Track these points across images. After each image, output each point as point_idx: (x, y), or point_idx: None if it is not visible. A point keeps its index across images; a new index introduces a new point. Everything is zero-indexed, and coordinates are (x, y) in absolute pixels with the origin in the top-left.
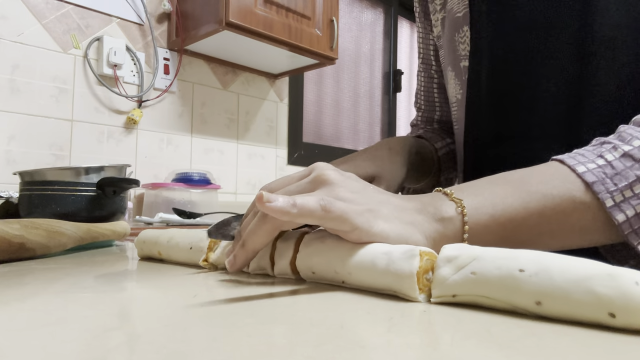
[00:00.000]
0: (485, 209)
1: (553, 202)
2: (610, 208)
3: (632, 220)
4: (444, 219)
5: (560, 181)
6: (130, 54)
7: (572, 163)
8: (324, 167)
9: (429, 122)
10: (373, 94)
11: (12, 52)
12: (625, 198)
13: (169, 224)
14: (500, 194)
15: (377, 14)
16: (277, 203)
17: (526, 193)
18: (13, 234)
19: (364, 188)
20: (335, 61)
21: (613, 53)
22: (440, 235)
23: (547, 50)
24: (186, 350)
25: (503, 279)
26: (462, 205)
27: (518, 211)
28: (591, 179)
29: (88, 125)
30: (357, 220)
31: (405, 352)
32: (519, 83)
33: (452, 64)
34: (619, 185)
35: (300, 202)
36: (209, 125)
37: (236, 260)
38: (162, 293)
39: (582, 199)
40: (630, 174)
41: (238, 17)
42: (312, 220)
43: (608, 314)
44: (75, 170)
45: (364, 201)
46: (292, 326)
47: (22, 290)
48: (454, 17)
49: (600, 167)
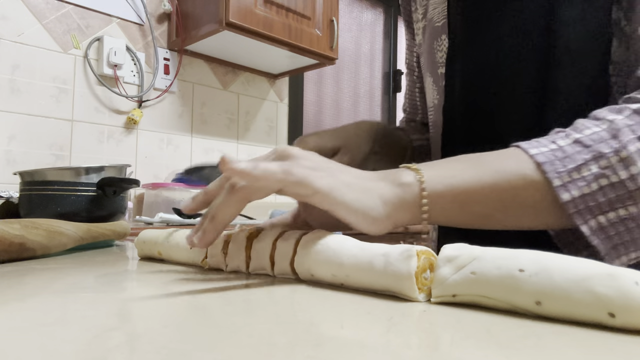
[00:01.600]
0: (442, 179)
1: (505, 177)
2: (557, 187)
3: (577, 200)
4: (403, 184)
5: (514, 161)
6: (130, 54)
7: (526, 146)
8: (287, 146)
9: (412, 124)
10: (373, 94)
11: (12, 52)
12: (572, 179)
13: (169, 224)
14: (458, 167)
15: (377, 14)
16: (239, 164)
17: (481, 168)
18: (13, 234)
19: (327, 161)
20: (335, 61)
21: (576, 64)
22: (400, 200)
23: (516, 59)
24: (186, 350)
25: (503, 278)
26: (420, 174)
27: (472, 183)
28: (542, 160)
29: (88, 125)
30: (317, 184)
31: (405, 352)
32: (489, 90)
33: (430, 71)
34: (568, 166)
35: (262, 164)
36: (209, 125)
37: (205, 235)
38: (162, 293)
39: (533, 177)
40: (578, 157)
41: (238, 17)
42: (274, 183)
43: (608, 313)
44: (75, 170)
45: (326, 169)
46: (292, 326)
47: (22, 290)
48: (433, 26)
49: (552, 151)
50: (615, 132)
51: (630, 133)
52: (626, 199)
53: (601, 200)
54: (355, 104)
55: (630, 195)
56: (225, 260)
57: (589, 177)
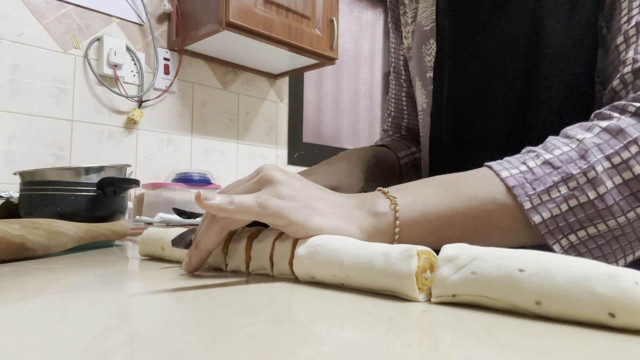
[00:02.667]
0: (415, 207)
1: (477, 202)
2: (527, 210)
3: (547, 222)
4: (378, 214)
5: (485, 184)
6: (130, 54)
7: (497, 169)
8: (270, 168)
9: (398, 128)
10: (373, 94)
11: (12, 52)
12: (542, 201)
13: (169, 224)
14: (431, 193)
15: (377, 14)
16: (214, 201)
17: (453, 194)
18: (13, 234)
19: (306, 186)
20: (335, 61)
21: (557, 72)
22: (375, 229)
23: (499, 66)
24: (186, 350)
25: (503, 278)
26: (395, 202)
27: (445, 210)
28: (512, 183)
29: (88, 125)
30: (292, 216)
31: (405, 352)
32: (473, 96)
33: (419, 75)
34: (537, 189)
35: (237, 199)
36: (209, 125)
37: (191, 261)
38: (162, 293)
39: (503, 201)
40: (548, 179)
41: (238, 17)
42: (250, 216)
43: (608, 313)
44: (75, 170)
45: (304, 198)
46: (292, 326)
47: (22, 290)
48: (422, 30)
49: (522, 173)
50: (584, 152)
51: (598, 152)
52: (595, 218)
53: (571, 220)
54: (355, 104)
55: (599, 214)
56: (225, 260)
57: (558, 199)
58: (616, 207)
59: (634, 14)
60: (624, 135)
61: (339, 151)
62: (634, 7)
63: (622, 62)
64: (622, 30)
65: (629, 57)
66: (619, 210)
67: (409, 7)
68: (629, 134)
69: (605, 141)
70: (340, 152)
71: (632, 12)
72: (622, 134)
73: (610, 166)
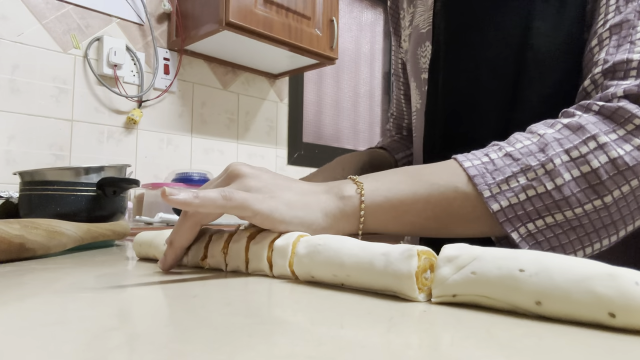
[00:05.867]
0: (380, 192)
1: (438, 190)
2: (487, 198)
3: (505, 210)
4: (345, 197)
5: (448, 174)
6: (130, 54)
7: (461, 159)
8: (237, 164)
9: (399, 129)
10: (373, 94)
11: (12, 52)
12: (501, 190)
13: (169, 224)
14: (396, 180)
15: (377, 14)
16: (178, 196)
17: (417, 181)
18: (13, 234)
19: (274, 178)
20: (335, 61)
21: (542, 72)
22: (341, 212)
23: (493, 68)
24: (186, 350)
25: (503, 278)
26: (361, 188)
27: (408, 195)
28: (473, 173)
29: (88, 125)
30: (257, 207)
31: (405, 352)
32: (467, 98)
33: (414, 76)
34: (497, 179)
35: (202, 193)
36: (209, 125)
37: (166, 259)
38: (162, 293)
39: (464, 190)
40: (507, 170)
41: (238, 17)
42: (215, 208)
43: (608, 313)
44: (75, 170)
45: (270, 189)
46: (292, 326)
47: (22, 290)
48: (418, 32)
49: (484, 164)
50: (544, 146)
51: (558, 146)
52: (553, 208)
53: (529, 209)
54: (355, 104)
55: (556, 204)
56: (225, 260)
57: (516, 189)
58: (573, 199)
59: (609, 17)
60: (583, 132)
61: (339, 151)
62: (610, 11)
63: (595, 63)
64: (597, 33)
65: (601, 58)
66: (576, 201)
67: (407, 11)
68: (588, 130)
69: (565, 136)
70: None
71: (608, 16)
72: (581, 130)
73: (568, 159)
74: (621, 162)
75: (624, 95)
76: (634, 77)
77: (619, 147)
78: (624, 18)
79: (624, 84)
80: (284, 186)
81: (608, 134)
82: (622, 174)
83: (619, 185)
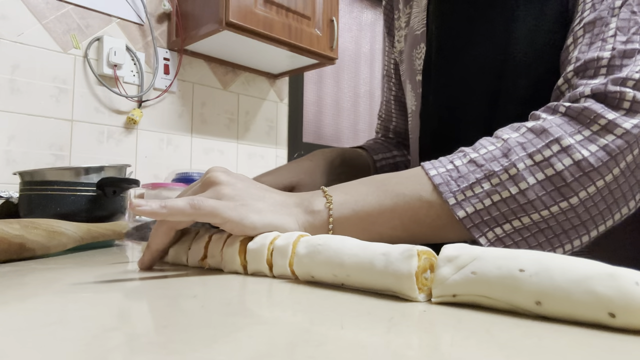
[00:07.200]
0: (348, 205)
1: (404, 200)
2: (452, 206)
3: (472, 216)
4: (314, 211)
5: (413, 183)
6: (130, 54)
7: (428, 167)
8: (215, 170)
9: (386, 131)
10: (373, 94)
11: (12, 52)
12: (466, 197)
13: None
14: (364, 192)
15: (377, 14)
16: (146, 207)
17: (383, 192)
18: (13, 234)
19: (247, 187)
20: (335, 61)
21: (521, 77)
22: (310, 225)
23: (481, 70)
24: (186, 350)
25: (503, 279)
26: (330, 201)
27: (374, 207)
28: (438, 181)
29: (88, 125)
30: (227, 214)
31: (405, 352)
32: (458, 99)
33: (409, 77)
34: (461, 186)
35: (170, 203)
36: (209, 125)
37: (144, 260)
38: (162, 293)
39: (428, 198)
40: (471, 176)
41: (238, 17)
42: (184, 217)
43: (608, 314)
44: (75, 170)
45: (242, 197)
46: (292, 326)
47: (22, 290)
48: (414, 34)
49: (448, 171)
50: (507, 151)
51: (521, 150)
52: (519, 211)
53: (495, 214)
54: (355, 104)
55: (522, 208)
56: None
57: (481, 195)
58: (539, 202)
59: (585, 15)
60: (546, 135)
61: None
62: (587, 8)
63: (568, 61)
64: (573, 31)
65: (574, 56)
66: (542, 204)
67: (403, 12)
68: (551, 134)
69: (528, 140)
70: None
71: (584, 13)
72: (545, 133)
73: (532, 163)
74: (586, 163)
75: (591, 95)
76: (603, 75)
77: (584, 149)
78: (597, 15)
79: (592, 83)
80: (257, 196)
81: (573, 136)
82: (587, 175)
83: (585, 186)
